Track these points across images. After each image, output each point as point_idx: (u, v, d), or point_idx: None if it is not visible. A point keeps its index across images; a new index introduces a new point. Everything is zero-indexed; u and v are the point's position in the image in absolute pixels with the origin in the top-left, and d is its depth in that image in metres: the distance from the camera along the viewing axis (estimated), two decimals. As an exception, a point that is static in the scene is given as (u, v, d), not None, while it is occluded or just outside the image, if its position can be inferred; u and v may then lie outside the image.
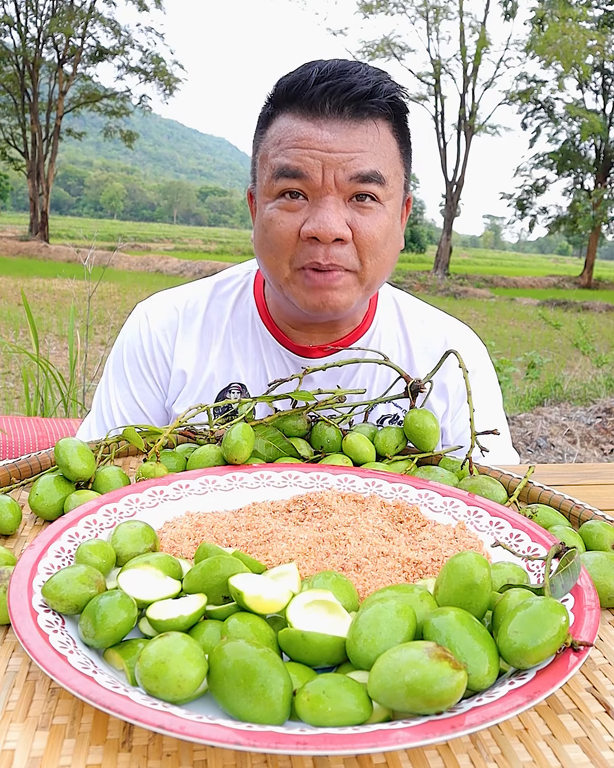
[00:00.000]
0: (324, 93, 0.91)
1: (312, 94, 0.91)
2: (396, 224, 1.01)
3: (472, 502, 0.73)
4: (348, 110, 0.92)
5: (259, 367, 1.13)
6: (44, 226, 24.69)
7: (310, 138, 0.91)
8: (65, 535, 0.63)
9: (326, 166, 0.91)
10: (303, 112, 0.93)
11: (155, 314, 1.16)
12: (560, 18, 21.03)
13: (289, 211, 0.94)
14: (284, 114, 0.95)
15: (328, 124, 0.92)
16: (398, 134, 0.98)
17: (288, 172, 0.92)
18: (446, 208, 25.20)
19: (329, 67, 0.92)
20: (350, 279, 0.97)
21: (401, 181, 1.01)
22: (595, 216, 24.94)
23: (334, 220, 0.91)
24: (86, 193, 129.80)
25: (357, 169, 0.92)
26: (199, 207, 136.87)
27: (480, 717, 0.41)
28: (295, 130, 0.93)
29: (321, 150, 0.91)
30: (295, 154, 0.92)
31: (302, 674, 0.47)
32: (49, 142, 24.66)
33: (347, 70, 0.92)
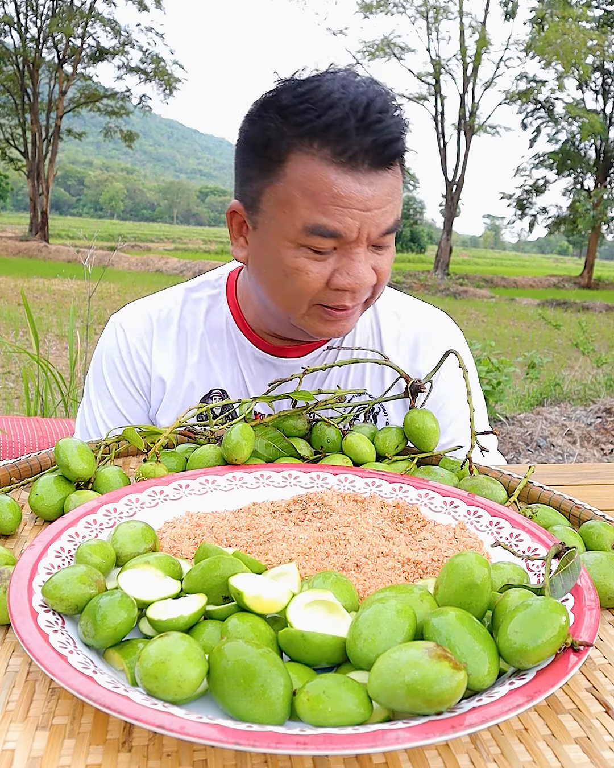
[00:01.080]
0: (367, 147, 0.86)
1: (352, 146, 0.85)
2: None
3: (472, 502, 0.73)
4: (388, 158, 0.89)
5: (236, 371, 1.13)
6: (44, 226, 24.69)
7: (351, 197, 0.87)
8: (65, 535, 0.63)
9: (363, 224, 0.89)
10: (339, 162, 0.86)
11: (130, 324, 1.16)
12: (560, 18, 21.03)
13: (317, 261, 0.91)
14: (310, 155, 0.87)
15: (367, 179, 0.88)
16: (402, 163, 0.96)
17: (325, 232, 0.88)
18: (446, 208, 25.20)
19: (363, 110, 0.85)
20: (360, 307, 1.00)
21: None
22: (595, 216, 24.94)
23: (367, 272, 0.92)
24: (86, 193, 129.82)
25: (387, 224, 0.91)
26: (199, 207, 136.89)
27: (480, 717, 0.42)
28: (334, 186, 0.86)
29: (361, 209, 0.88)
30: (335, 213, 0.87)
31: (302, 674, 0.47)
32: (49, 142, 24.66)
33: (381, 114, 0.86)
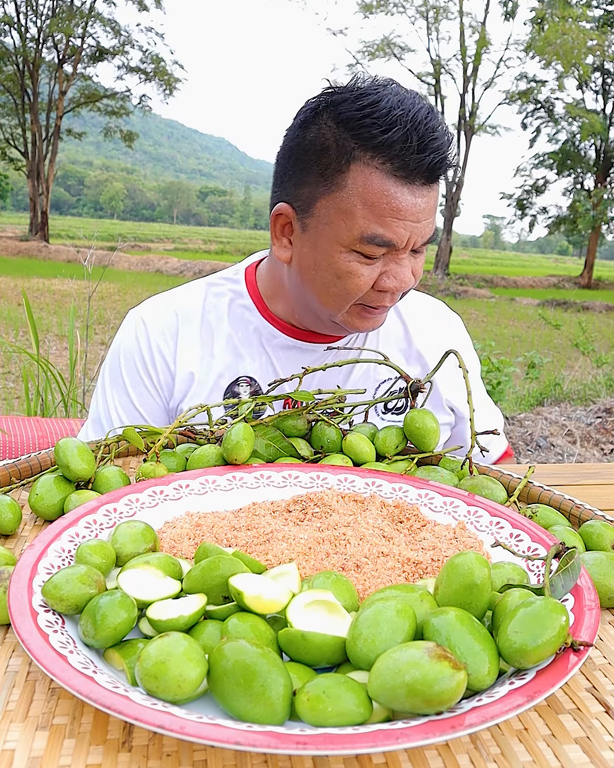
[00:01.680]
0: (424, 164, 0.92)
1: (411, 163, 0.92)
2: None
3: (472, 502, 0.73)
4: (438, 172, 0.96)
5: (266, 359, 1.15)
6: (44, 226, 24.69)
7: (407, 210, 0.94)
8: (65, 535, 0.63)
9: (412, 235, 0.96)
10: (400, 174, 0.93)
11: (152, 319, 1.16)
12: (560, 18, 21.03)
13: (367, 265, 0.98)
14: (374, 169, 0.93)
15: (421, 192, 0.95)
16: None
17: (381, 242, 0.95)
18: (446, 208, 25.21)
19: (423, 129, 0.91)
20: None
21: None
22: (595, 216, 24.93)
23: (409, 275, 1.00)
24: (86, 193, 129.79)
25: (430, 233, 1.00)
26: (198, 207, 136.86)
27: (480, 717, 0.42)
28: (393, 199, 0.93)
29: (413, 221, 0.95)
30: (391, 225, 0.94)
31: (302, 674, 0.47)
32: (49, 142, 24.66)
33: (434, 132, 0.92)
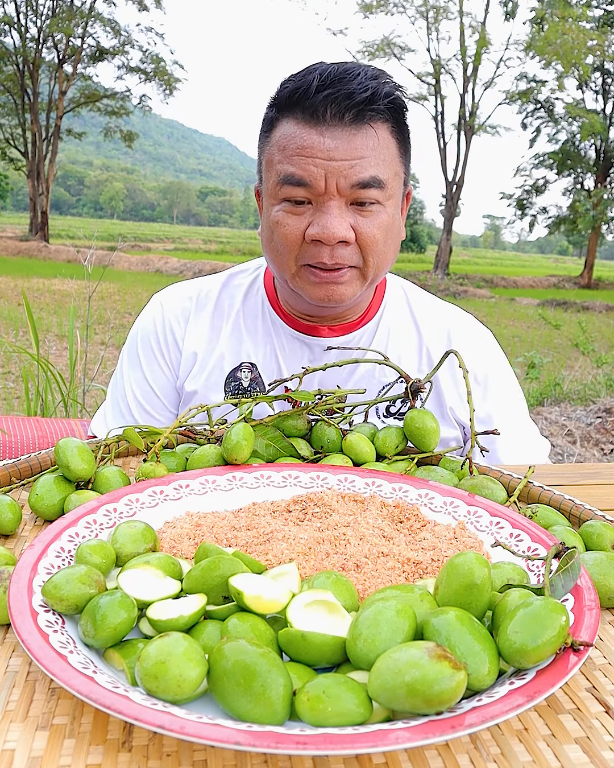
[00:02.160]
0: (325, 101, 0.95)
1: (314, 102, 0.95)
2: (396, 220, 1.05)
3: (472, 502, 0.73)
4: (349, 117, 0.95)
5: (270, 348, 1.18)
6: (44, 226, 24.69)
7: (313, 147, 0.95)
8: (65, 535, 0.63)
9: (328, 174, 0.95)
10: (305, 118, 0.97)
11: (169, 302, 1.23)
12: (560, 18, 21.02)
13: (294, 214, 0.99)
14: (287, 119, 0.99)
15: (330, 132, 0.95)
16: (397, 134, 1.02)
17: (293, 180, 0.97)
18: (446, 208, 25.20)
19: (330, 73, 0.95)
20: (354, 274, 1.04)
21: (401, 179, 1.05)
22: (595, 216, 24.92)
23: (337, 224, 0.96)
24: (86, 193, 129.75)
25: (358, 176, 0.96)
26: (199, 207, 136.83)
27: (480, 717, 0.41)
28: (299, 138, 0.96)
29: (324, 159, 0.95)
30: (299, 163, 0.96)
31: (302, 674, 0.47)
32: (49, 142, 24.65)
33: (347, 75, 0.95)
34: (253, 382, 1.17)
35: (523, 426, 1.20)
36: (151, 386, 1.21)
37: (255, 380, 1.17)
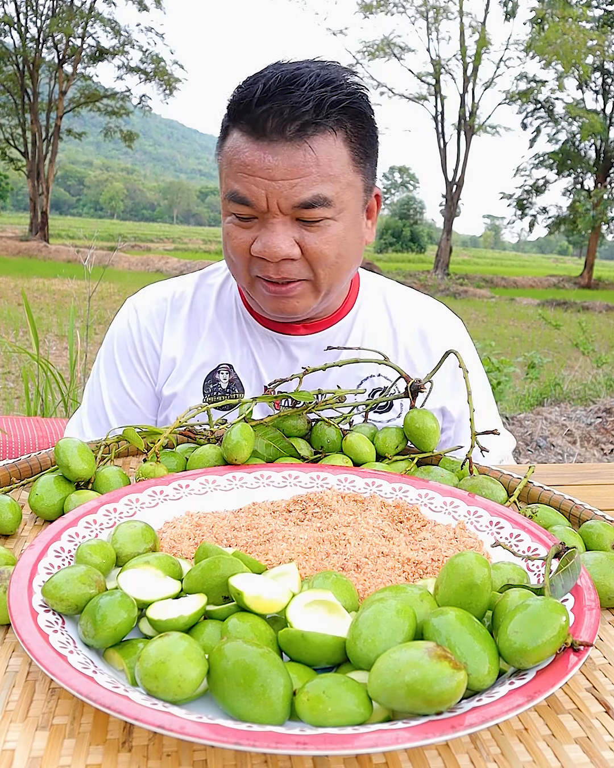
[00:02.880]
0: (265, 114, 0.92)
1: (255, 116, 0.93)
2: (352, 231, 1.02)
3: (472, 502, 0.73)
4: (290, 131, 0.92)
5: (246, 349, 1.17)
6: (44, 226, 24.68)
7: (254, 164, 0.93)
8: (65, 535, 0.63)
9: (269, 194, 0.93)
10: (248, 131, 0.94)
11: (144, 306, 1.21)
12: (560, 18, 21.02)
13: (242, 228, 0.99)
14: (235, 129, 0.97)
15: (271, 147, 0.93)
16: (352, 140, 0.97)
17: (236, 198, 0.96)
18: (446, 208, 25.20)
19: (273, 83, 0.91)
20: (305, 287, 1.03)
21: (356, 188, 1.00)
22: (595, 216, 24.92)
23: (279, 242, 0.95)
24: (86, 193, 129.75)
25: (299, 197, 0.93)
26: (199, 207, 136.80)
27: (480, 717, 0.41)
28: (241, 153, 0.95)
29: (264, 177, 0.93)
30: (242, 180, 0.95)
31: (302, 674, 0.47)
32: (49, 142, 24.65)
33: (291, 86, 0.91)
34: (232, 384, 1.16)
35: (485, 415, 1.19)
36: (129, 394, 1.19)
37: (233, 382, 1.16)
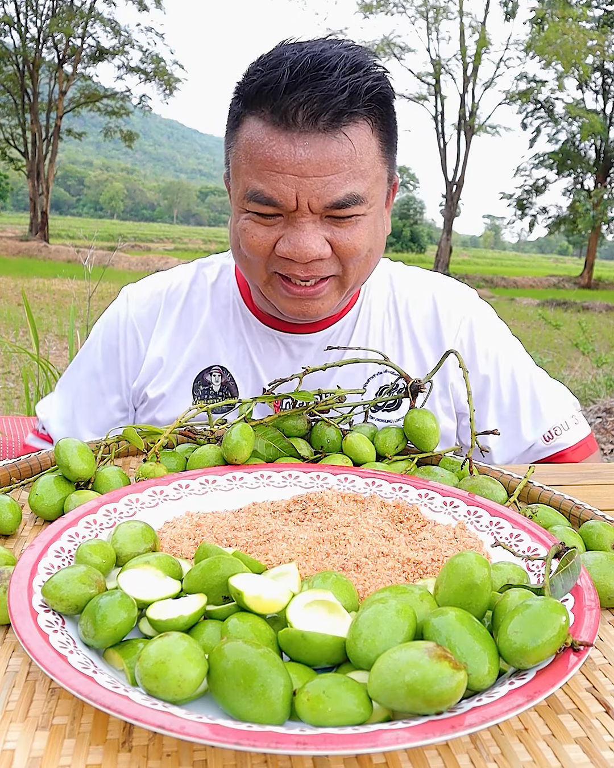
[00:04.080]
0: (297, 102, 0.84)
1: (284, 103, 0.84)
2: (379, 224, 0.97)
3: (472, 502, 0.73)
4: (324, 121, 0.85)
5: (243, 348, 1.12)
6: (44, 226, 24.69)
7: (283, 159, 0.85)
8: (65, 535, 0.63)
9: (300, 193, 0.86)
10: (274, 120, 0.86)
11: (137, 298, 1.16)
12: (560, 18, 21.02)
13: (263, 225, 0.91)
14: (254, 117, 0.89)
15: (302, 139, 0.85)
16: (380, 131, 0.92)
17: (261, 199, 0.88)
18: (446, 208, 25.20)
19: (302, 67, 0.83)
20: (333, 285, 0.96)
21: (384, 180, 0.96)
22: (595, 216, 24.92)
23: (310, 242, 0.88)
24: (86, 193, 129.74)
25: (333, 196, 0.87)
26: (199, 207, 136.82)
27: (480, 717, 0.41)
28: (267, 147, 0.86)
29: (295, 174, 0.85)
30: (268, 179, 0.87)
31: (302, 674, 0.47)
32: (49, 142, 24.66)
33: (322, 71, 0.83)
34: (224, 387, 1.11)
35: (540, 383, 1.14)
36: (102, 385, 1.16)
37: (225, 385, 1.11)
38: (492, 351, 1.13)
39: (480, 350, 1.12)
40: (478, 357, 1.12)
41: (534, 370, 1.16)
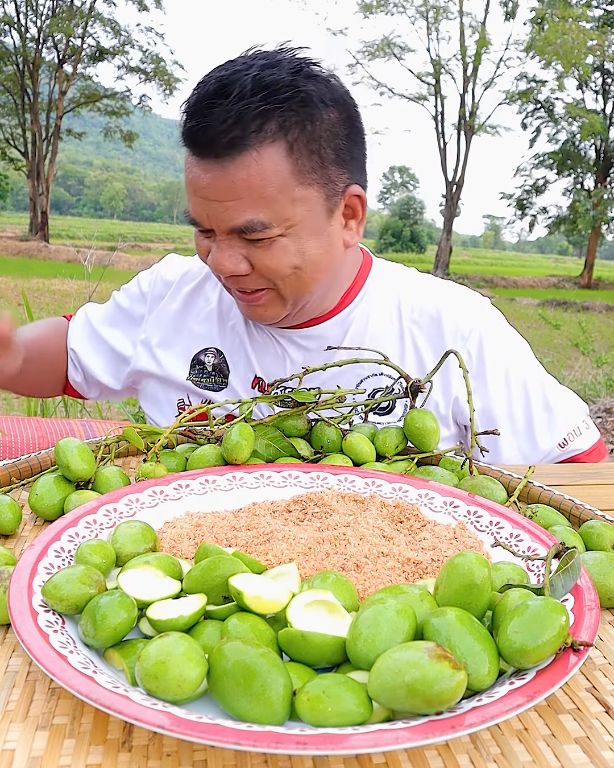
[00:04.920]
0: (195, 129, 0.89)
1: (189, 129, 0.90)
2: (311, 241, 0.96)
3: (472, 502, 0.73)
4: (219, 147, 0.88)
5: (237, 336, 1.16)
6: (44, 226, 24.69)
7: (195, 182, 0.92)
8: (65, 535, 0.63)
9: (209, 214, 0.93)
10: (187, 144, 0.93)
11: (166, 267, 1.27)
12: (560, 18, 21.04)
13: (204, 236, 0.99)
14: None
15: (204, 164, 0.90)
16: (298, 149, 0.90)
17: (189, 218, 0.97)
18: (446, 208, 25.21)
19: (206, 92, 0.87)
20: (271, 295, 1.01)
21: (311, 199, 0.94)
22: (595, 216, 24.93)
23: (224, 260, 0.94)
24: (86, 193, 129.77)
25: (232, 222, 0.91)
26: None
27: (480, 717, 0.41)
28: (188, 169, 0.94)
29: (203, 198, 0.92)
30: (192, 199, 0.94)
31: (302, 674, 0.47)
32: (49, 142, 24.66)
33: (218, 98, 0.86)
34: (216, 368, 1.16)
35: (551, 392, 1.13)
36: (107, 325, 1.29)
37: (217, 366, 1.16)
38: (502, 365, 1.12)
39: (490, 364, 1.11)
40: (488, 372, 1.11)
41: (545, 379, 1.15)
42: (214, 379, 1.16)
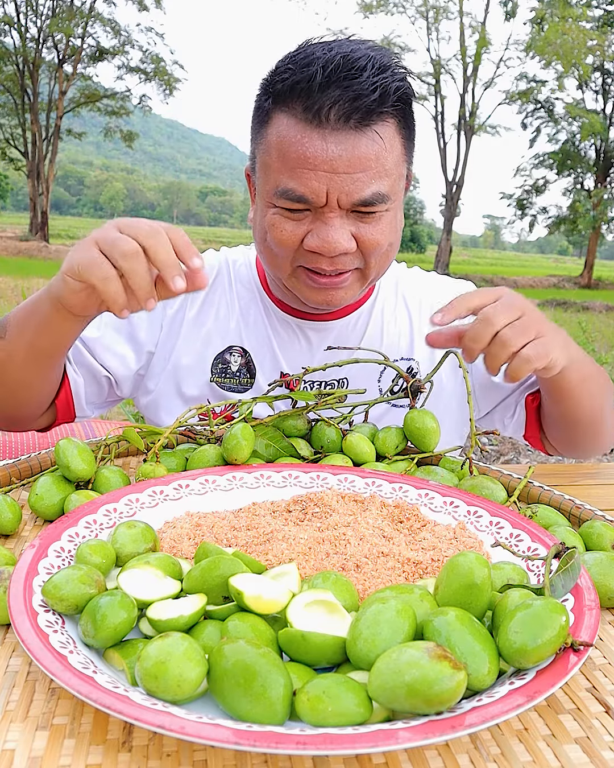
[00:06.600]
0: (330, 101, 0.87)
1: (317, 101, 0.87)
2: (398, 217, 1.00)
3: (472, 502, 0.73)
4: (355, 120, 0.88)
5: (262, 332, 1.14)
6: (44, 226, 24.69)
7: (315, 156, 0.88)
8: (65, 535, 0.63)
9: (330, 189, 0.89)
10: (306, 117, 0.89)
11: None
12: (560, 18, 21.03)
13: (291, 219, 0.93)
14: (285, 114, 0.91)
15: (334, 136, 0.88)
16: (403, 128, 0.96)
17: (292, 196, 0.91)
18: (446, 208, 25.21)
19: (334, 66, 0.86)
20: (355, 276, 0.99)
21: (404, 177, 0.99)
22: (595, 216, 24.93)
23: (339, 237, 0.91)
24: (86, 193, 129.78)
25: (360, 194, 0.90)
26: (199, 207, 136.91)
27: (480, 717, 0.41)
28: (299, 144, 0.89)
29: (326, 171, 0.88)
30: (300, 177, 0.89)
31: (302, 674, 0.47)
32: (49, 142, 24.66)
33: (352, 70, 0.86)
34: (243, 368, 1.13)
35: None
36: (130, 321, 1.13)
37: (244, 366, 1.13)
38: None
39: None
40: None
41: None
42: (240, 380, 1.13)
